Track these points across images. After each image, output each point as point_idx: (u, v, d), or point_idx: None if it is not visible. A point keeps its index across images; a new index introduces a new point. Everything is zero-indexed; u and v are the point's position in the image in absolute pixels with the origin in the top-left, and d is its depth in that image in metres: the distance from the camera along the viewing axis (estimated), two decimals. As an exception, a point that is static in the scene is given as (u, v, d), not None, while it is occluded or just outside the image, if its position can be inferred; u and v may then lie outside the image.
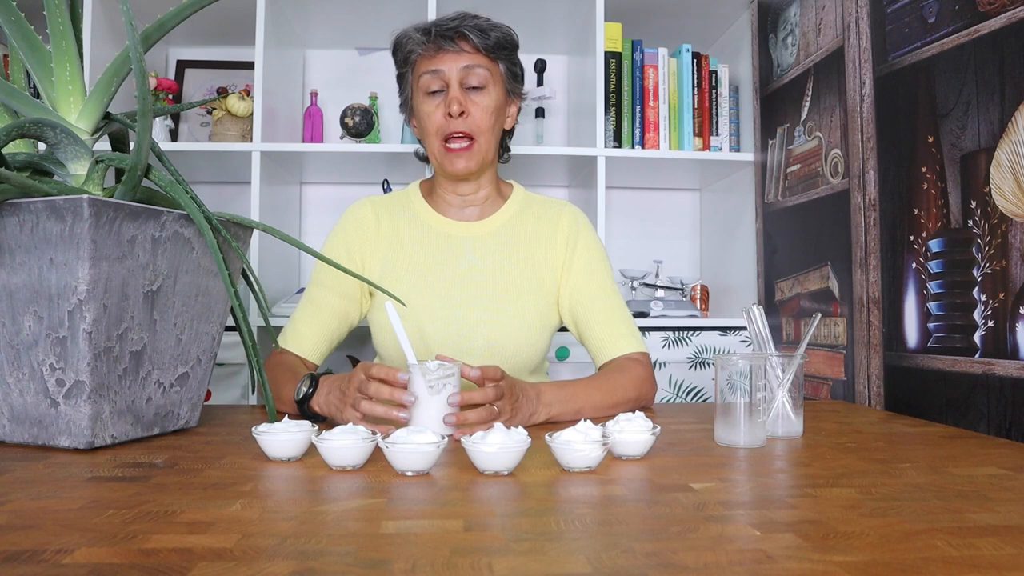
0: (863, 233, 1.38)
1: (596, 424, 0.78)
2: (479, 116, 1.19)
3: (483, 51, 1.18)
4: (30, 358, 0.81)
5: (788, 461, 0.81)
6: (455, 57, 1.18)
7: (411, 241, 1.26)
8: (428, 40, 1.18)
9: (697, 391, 1.88)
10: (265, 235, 1.79)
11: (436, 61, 1.18)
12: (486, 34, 1.18)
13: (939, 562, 0.49)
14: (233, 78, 2.14)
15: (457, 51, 1.18)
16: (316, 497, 0.64)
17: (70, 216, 0.77)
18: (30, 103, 0.86)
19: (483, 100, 1.19)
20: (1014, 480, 0.72)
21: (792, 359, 0.96)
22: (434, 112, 1.19)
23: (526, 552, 0.50)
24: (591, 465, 0.73)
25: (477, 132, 1.19)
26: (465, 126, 1.18)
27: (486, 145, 1.21)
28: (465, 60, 1.18)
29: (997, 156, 1.04)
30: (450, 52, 1.18)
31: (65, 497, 0.63)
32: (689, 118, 1.99)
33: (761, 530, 0.55)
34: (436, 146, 1.21)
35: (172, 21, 0.91)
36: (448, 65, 1.18)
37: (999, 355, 1.03)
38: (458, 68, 1.17)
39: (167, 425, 0.92)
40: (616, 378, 1.14)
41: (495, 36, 1.19)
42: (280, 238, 0.96)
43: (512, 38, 1.23)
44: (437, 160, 1.23)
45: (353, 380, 0.94)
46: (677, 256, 2.32)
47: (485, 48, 1.18)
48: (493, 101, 1.20)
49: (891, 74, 1.30)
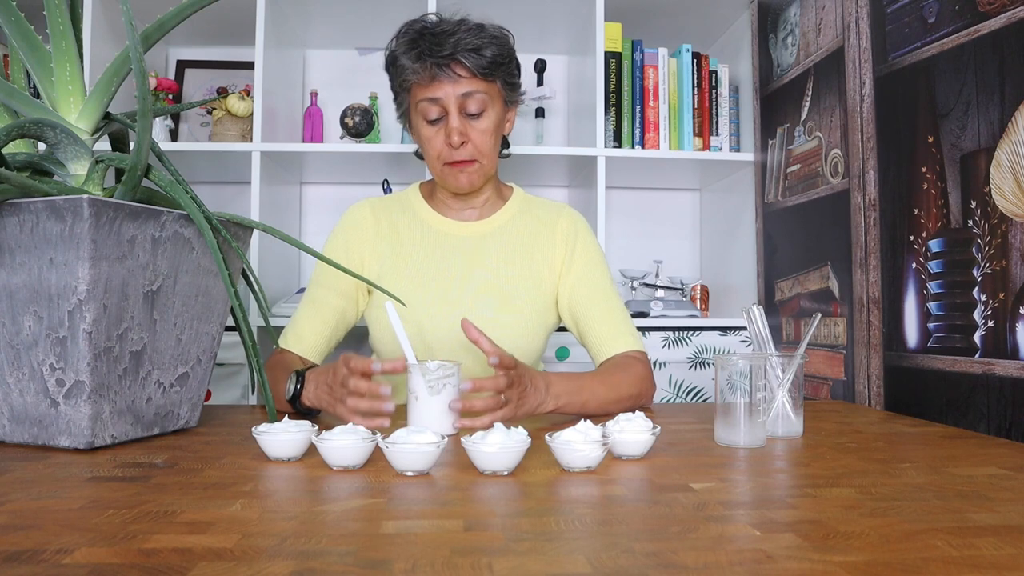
0: (863, 233, 1.38)
1: (596, 424, 0.78)
2: (479, 140, 1.18)
3: (479, 75, 1.15)
4: (30, 358, 0.81)
5: (788, 461, 0.81)
6: (452, 84, 1.15)
7: (410, 241, 1.27)
8: (423, 69, 1.15)
9: (697, 391, 1.88)
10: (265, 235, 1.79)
11: (433, 89, 1.16)
12: (481, 55, 1.14)
13: (939, 562, 0.49)
14: (233, 78, 2.14)
15: (453, 78, 1.15)
16: (316, 497, 0.64)
17: (70, 216, 0.77)
18: (30, 103, 0.86)
19: (482, 124, 1.18)
20: (1014, 480, 0.72)
21: (792, 359, 0.96)
22: (434, 138, 1.19)
23: (526, 552, 0.50)
24: (591, 465, 0.73)
25: (479, 155, 1.19)
26: (467, 153, 1.18)
27: (488, 164, 1.22)
28: (463, 87, 1.15)
29: (997, 156, 1.04)
30: (446, 80, 1.15)
31: (65, 497, 0.63)
32: (689, 118, 1.99)
33: (761, 530, 0.55)
34: (438, 168, 1.21)
35: (172, 21, 0.91)
36: (445, 92, 1.15)
37: (999, 355, 1.03)
38: (456, 96, 1.15)
39: (167, 425, 0.92)
40: (619, 375, 1.14)
41: (490, 54, 1.15)
42: (280, 238, 0.96)
43: (508, 48, 1.20)
44: (439, 179, 1.24)
45: (337, 374, 0.96)
46: (677, 256, 2.32)
47: (480, 71, 1.15)
48: (492, 123, 1.19)
49: (891, 74, 1.30)
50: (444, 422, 0.91)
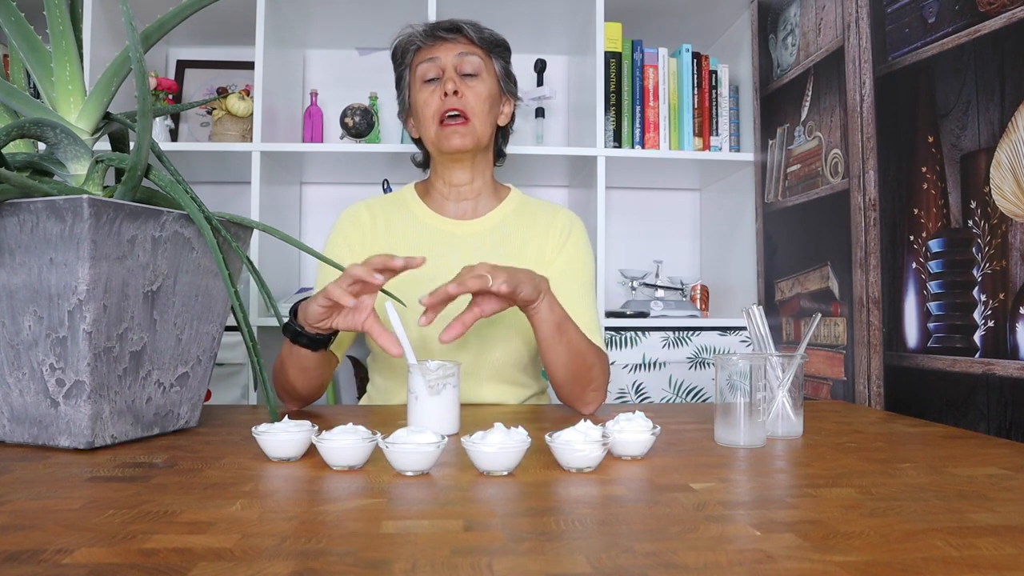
0: (863, 233, 1.38)
1: (596, 424, 0.78)
2: (473, 99, 1.24)
3: (478, 44, 1.26)
4: (30, 358, 0.81)
5: (788, 461, 0.81)
6: (451, 46, 1.25)
7: (407, 239, 1.27)
8: (426, 35, 1.25)
9: (697, 391, 1.88)
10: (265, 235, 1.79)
11: (432, 51, 1.25)
12: (481, 30, 1.26)
13: (939, 562, 0.49)
14: (233, 78, 2.14)
15: (453, 41, 1.25)
16: (316, 497, 0.64)
17: (70, 216, 0.77)
18: (30, 103, 0.86)
19: (477, 86, 1.25)
20: (1014, 480, 0.72)
21: (792, 359, 0.96)
22: (430, 98, 1.24)
23: (526, 552, 0.50)
24: (591, 465, 0.73)
25: (471, 113, 1.23)
26: (460, 104, 1.22)
27: (481, 127, 1.24)
28: (460, 48, 1.25)
29: (997, 156, 1.04)
30: (446, 42, 1.25)
31: (65, 497, 0.63)
32: (689, 118, 1.98)
33: (761, 530, 0.55)
34: (432, 129, 1.24)
35: (172, 21, 0.91)
36: (443, 52, 1.24)
37: (999, 355, 1.03)
38: (453, 55, 1.24)
39: (167, 425, 0.92)
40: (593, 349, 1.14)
41: (489, 32, 1.27)
42: (280, 238, 0.96)
43: (506, 42, 1.31)
44: (433, 142, 1.26)
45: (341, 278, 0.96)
46: (677, 256, 2.31)
47: (480, 41, 1.26)
48: (487, 88, 1.25)
49: (891, 74, 1.30)
50: (444, 422, 0.91)
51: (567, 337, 1.08)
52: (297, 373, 1.09)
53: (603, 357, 1.17)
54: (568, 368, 1.09)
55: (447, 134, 1.23)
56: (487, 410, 1.14)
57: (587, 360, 1.11)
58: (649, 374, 1.85)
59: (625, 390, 1.85)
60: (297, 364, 1.08)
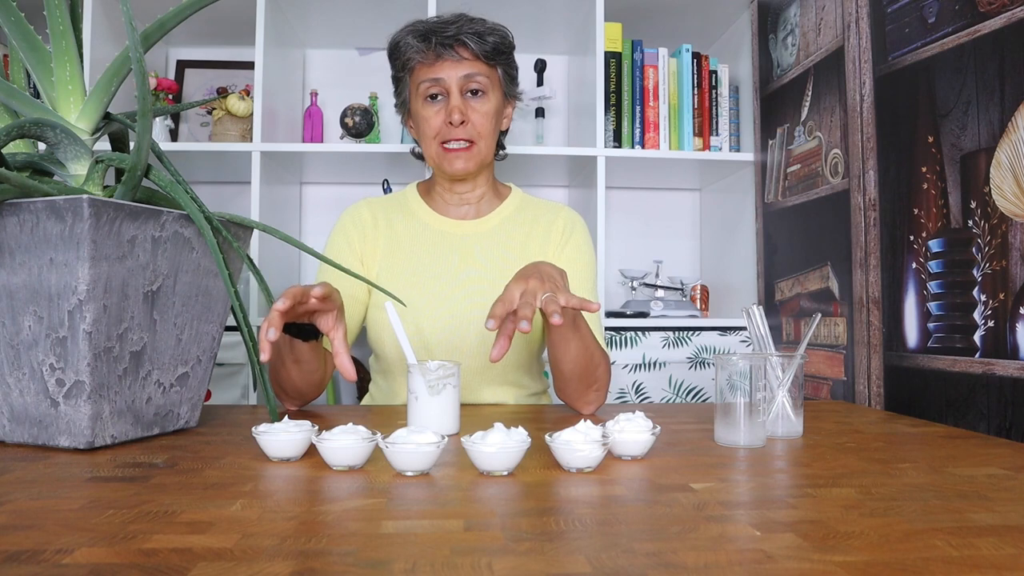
0: (863, 233, 1.38)
1: (596, 424, 0.78)
2: (479, 122, 1.21)
3: (482, 58, 1.20)
4: (30, 358, 0.81)
5: (788, 461, 0.81)
6: (455, 65, 1.19)
7: (408, 239, 1.27)
8: (427, 48, 1.19)
9: (697, 391, 1.88)
10: (265, 235, 1.79)
11: (436, 69, 1.20)
12: (484, 39, 1.20)
13: (939, 562, 0.49)
14: (233, 78, 2.14)
15: (456, 59, 1.19)
16: (316, 497, 0.64)
17: (70, 216, 0.77)
18: (30, 103, 0.86)
19: (482, 106, 1.21)
20: (1014, 480, 0.72)
21: (792, 359, 0.96)
22: (433, 118, 1.21)
23: (526, 552, 0.50)
24: (591, 465, 0.73)
25: (477, 137, 1.21)
26: (465, 133, 1.20)
27: (485, 148, 1.23)
28: (465, 68, 1.19)
29: (997, 156, 1.04)
30: (449, 60, 1.19)
31: (65, 497, 0.63)
32: (689, 118, 1.99)
33: (761, 530, 0.55)
34: (434, 149, 1.22)
35: (172, 21, 0.91)
36: (448, 73, 1.19)
37: (999, 355, 1.03)
38: (458, 76, 1.19)
39: (167, 425, 0.92)
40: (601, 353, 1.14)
41: (492, 41, 1.21)
42: (280, 238, 0.96)
43: (509, 40, 1.25)
44: (435, 162, 1.24)
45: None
46: (677, 256, 2.32)
47: (484, 54, 1.20)
48: (492, 106, 1.22)
49: (891, 74, 1.30)
50: (444, 422, 0.91)
51: (580, 333, 1.07)
52: (292, 366, 1.08)
53: (607, 358, 1.17)
54: (576, 364, 1.08)
55: (450, 159, 1.21)
56: (487, 410, 1.14)
57: (594, 359, 1.11)
58: (649, 374, 1.85)
59: (625, 390, 1.85)
60: (290, 356, 1.07)
